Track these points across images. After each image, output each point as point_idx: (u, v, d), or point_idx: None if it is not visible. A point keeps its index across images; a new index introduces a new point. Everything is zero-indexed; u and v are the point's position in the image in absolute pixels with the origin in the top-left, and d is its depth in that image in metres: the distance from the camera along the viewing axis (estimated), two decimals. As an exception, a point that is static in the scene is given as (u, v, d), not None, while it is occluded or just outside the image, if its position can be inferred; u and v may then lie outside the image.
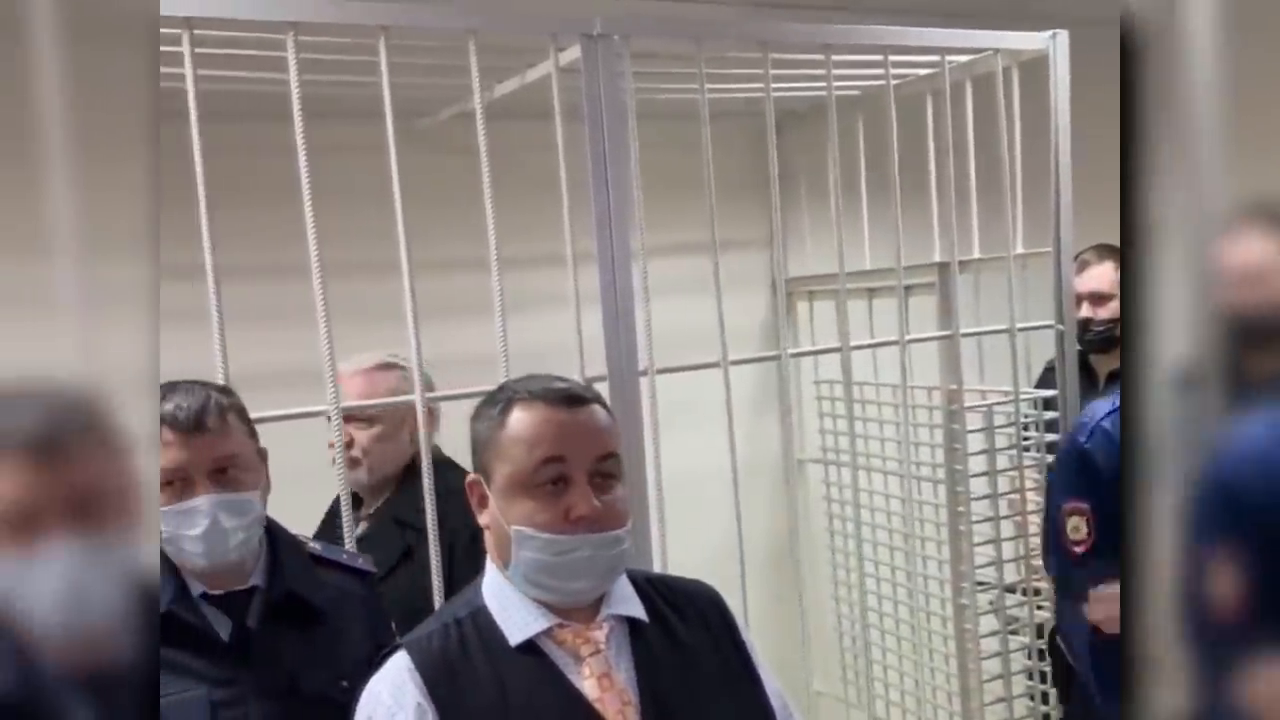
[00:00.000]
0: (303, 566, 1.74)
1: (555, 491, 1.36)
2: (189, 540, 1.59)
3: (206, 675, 1.60)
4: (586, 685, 1.37)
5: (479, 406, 1.46)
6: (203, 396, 1.62)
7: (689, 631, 1.47)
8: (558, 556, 1.36)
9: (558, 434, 1.37)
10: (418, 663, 1.36)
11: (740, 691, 1.48)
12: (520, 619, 1.39)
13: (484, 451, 1.41)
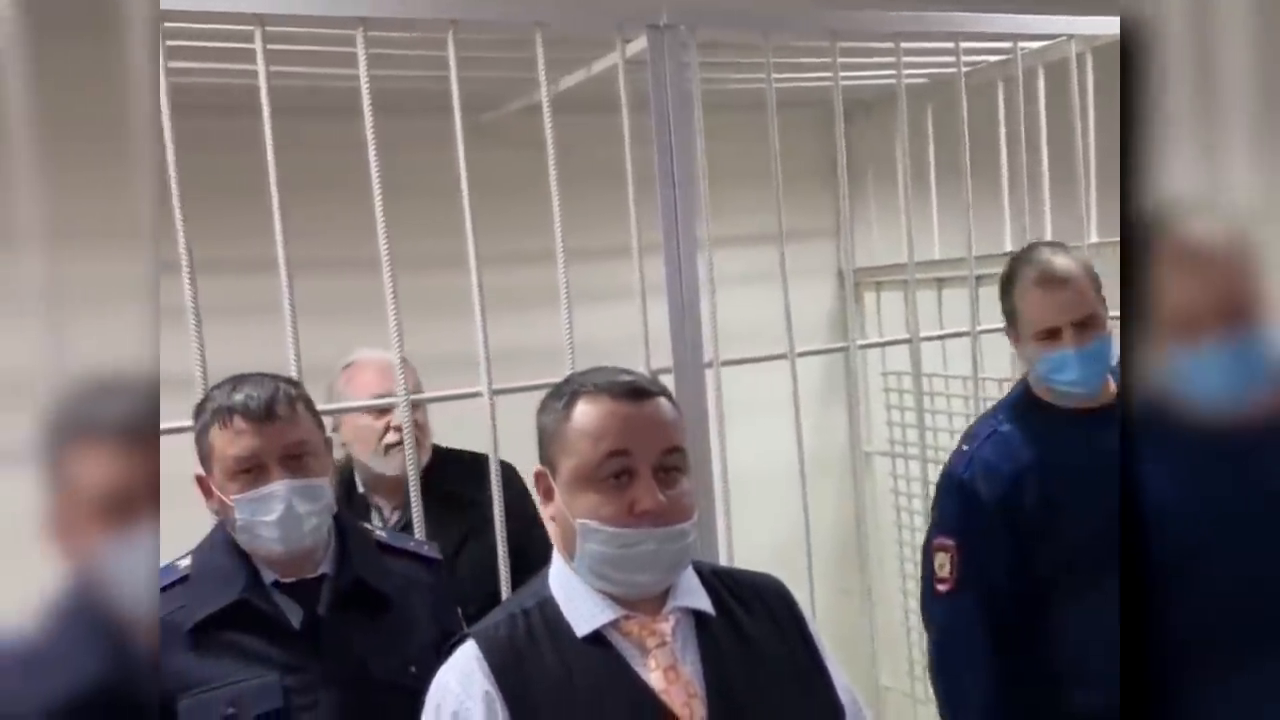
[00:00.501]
0: (370, 554, 1.77)
1: (620, 485, 1.36)
2: (265, 526, 1.61)
3: (279, 662, 1.63)
4: (653, 677, 1.36)
5: (545, 399, 1.46)
6: (271, 387, 1.65)
7: (756, 624, 1.46)
8: (622, 550, 1.36)
9: (622, 427, 1.37)
10: (485, 652, 1.37)
11: (809, 685, 1.47)
12: (586, 610, 1.40)
13: (549, 444, 1.41)
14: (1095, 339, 2.00)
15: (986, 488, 2.01)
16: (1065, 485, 1.98)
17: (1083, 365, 2.00)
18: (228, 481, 1.62)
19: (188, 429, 1.72)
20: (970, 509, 2.03)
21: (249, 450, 1.60)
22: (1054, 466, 2.00)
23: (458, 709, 1.34)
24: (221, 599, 1.63)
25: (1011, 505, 2.00)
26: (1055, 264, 2.03)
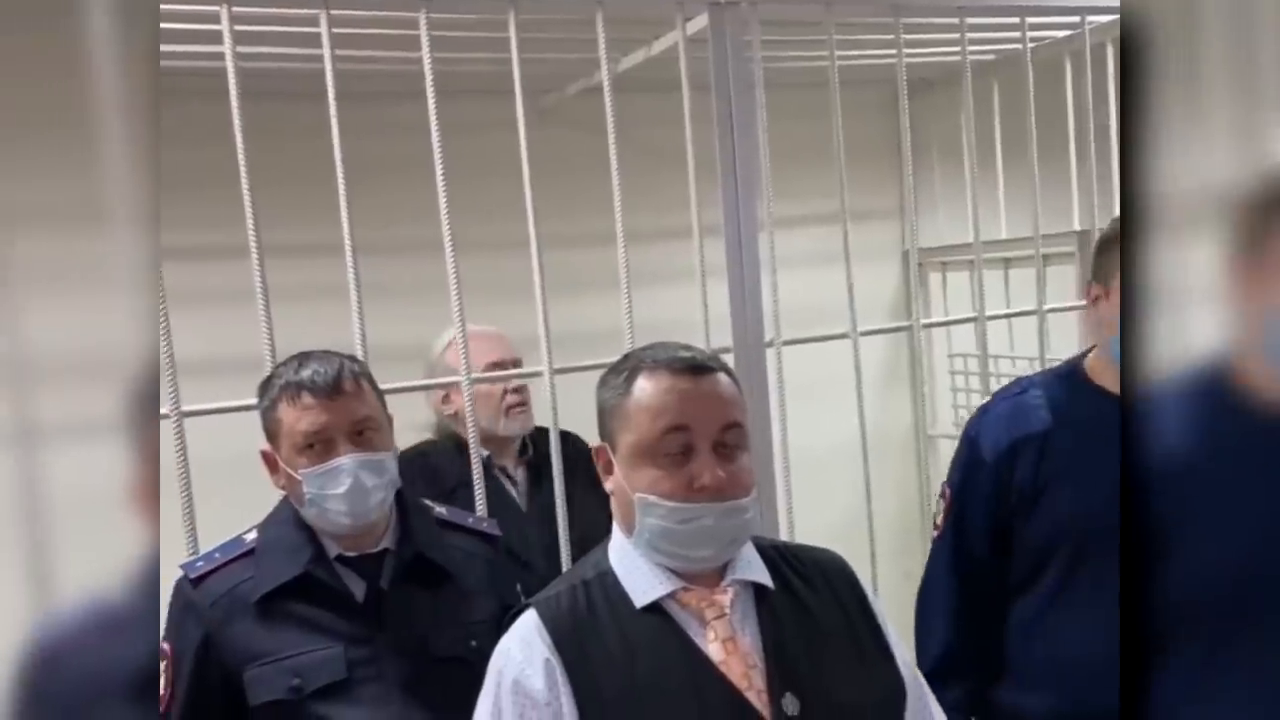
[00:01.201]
0: (431, 530, 1.79)
1: (679, 460, 1.36)
2: (333, 500, 1.64)
3: (342, 634, 1.66)
4: (712, 648, 1.37)
5: (605, 375, 1.47)
6: (337, 363, 1.68)
7: (816, 598, 1.46)
8: (681, 524, 1.36)
9: (682, 403, 1.37)
10: (546, 621, 1.39)
11: (869, 659, 1.46)
12: (645, 582, 1.41)
13: (609, 419, 1.42)
14: None
15: (989, 446, 1.95)
16: (1066, 462, 1.89)
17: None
18: (295, 456, 1.65)
19: (254, 407, 1.76)
20: (969, 463, 1.98)
21: (317, 425, 1.63)
22: (1061, 441, 1.91)
23: (518, 676, 1.35)
24: (287, 572, 1.66)
25: (1005, 469, 1.93)
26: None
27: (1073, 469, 1.89)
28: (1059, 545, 1.88)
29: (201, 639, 1.65)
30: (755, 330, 2.24)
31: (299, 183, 2.32)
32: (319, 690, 1.62)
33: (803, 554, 1.53)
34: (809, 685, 1.37)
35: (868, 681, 1.44)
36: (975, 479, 1.96)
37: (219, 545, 1.73)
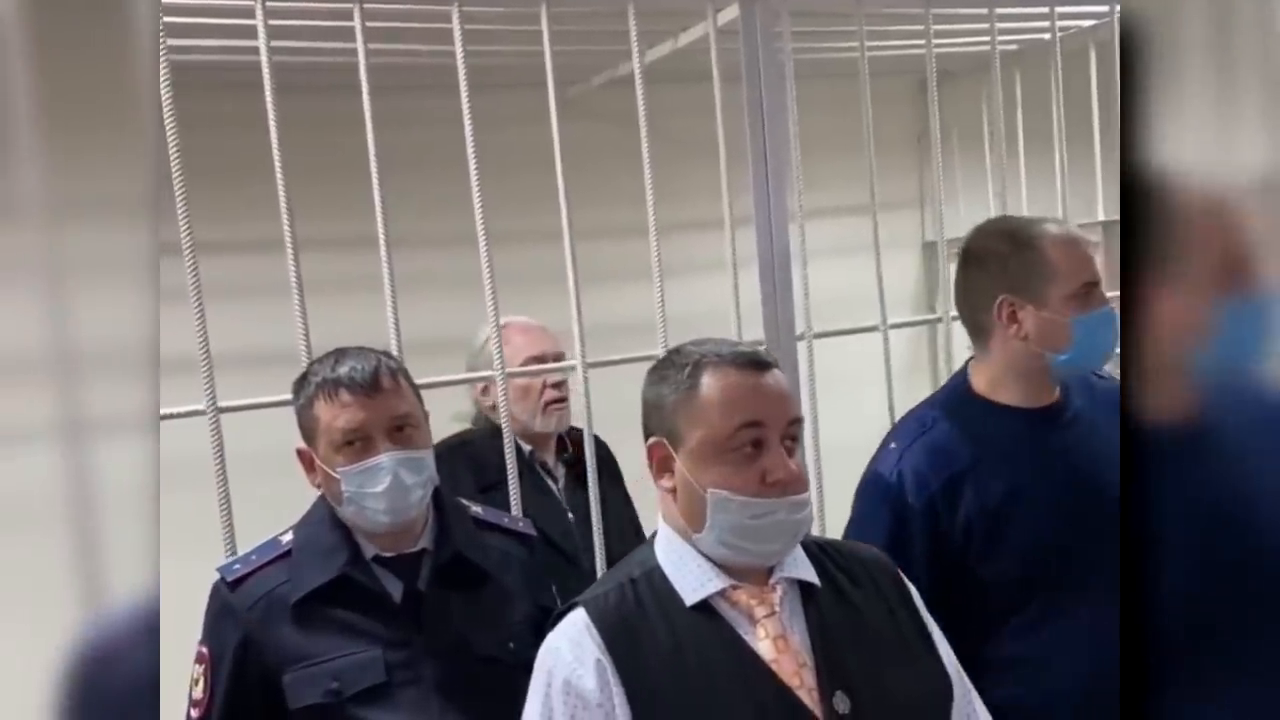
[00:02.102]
0: (469, 530, 1.77)
1: (752, 455, 1.36)
2: (372, 498, 1.62)
3: (381, 636, 1.64)
4: (762, 646, 1.36)
5: (658, 370, 1.45)
6: (374, 360, 1.66)
7: (862, 595, 1.45)
8: (755, 520, 1.36)
9: (755, 398, 1.36)
10: (596, 620, 1.37)
11: (917, 657, 1.45)
12: (695, 579, 1.40)
13: (671, 415, 1.40)
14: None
15: (915, 491, 1.83)
16: (1005, 491, 1.81)
17: (1114, 330, 1.81)
18: (334, 454, 1.63)
19: (287, 403, 1.75)
20: (896, 517, 1.85)
21: (356, 422, 1.61)
22: (992, 472, 1.82)
23: (569, 676, 1.34)
24: (324, 574, 1.64)
25: (940, 514, 1.83)
26: (1072, 229, 1.91)
27: (1017, 499, 1.81)
28: (1034, 576, 1.82)
29: (240, 642, 1.63)
30: (787, 323, 2.23)
31: (332, 176, 2.32)
32: (358, 694, 1.61)
33: (846, 550, 1.52)
34: (859, 683, 1.37)
35: (916, 679, 1.43)
36: (906, 525, 1.84)
37: (255, 547, 1.71)
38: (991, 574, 1.85)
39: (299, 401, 1.68)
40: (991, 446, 1.85)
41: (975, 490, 1.83)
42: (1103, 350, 1.87)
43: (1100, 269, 1.85)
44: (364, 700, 1.62)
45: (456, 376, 2.24)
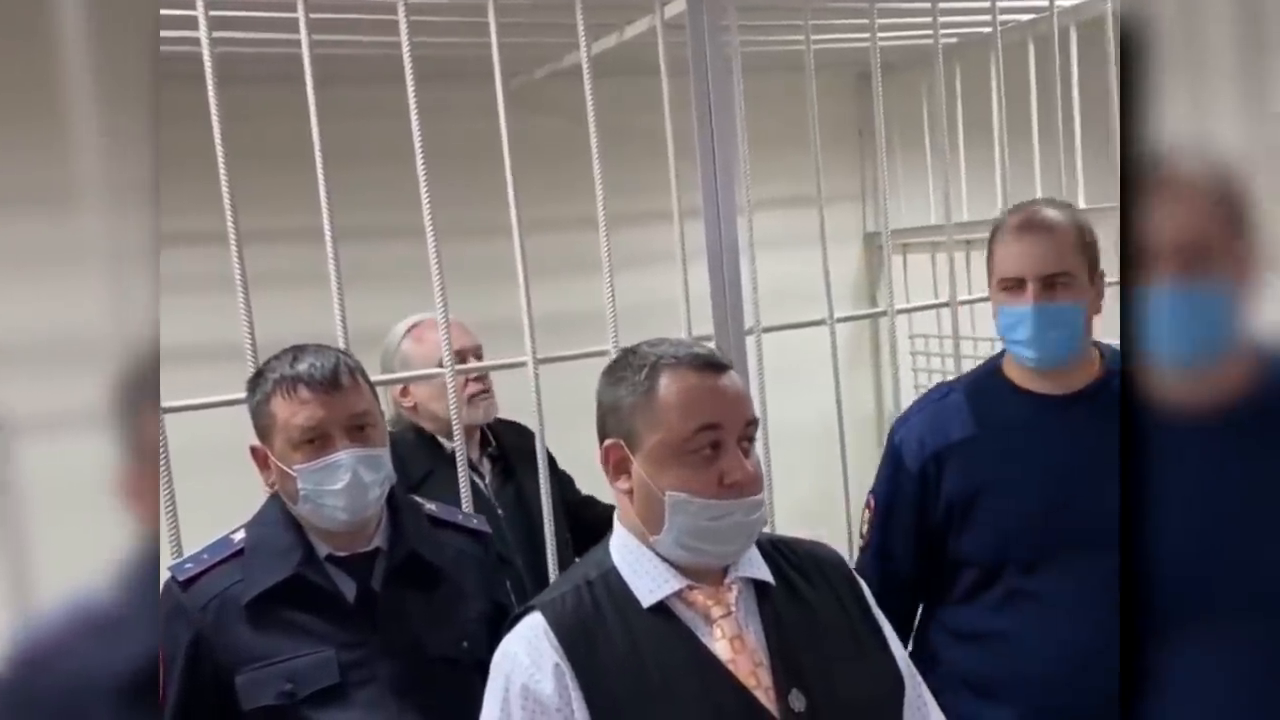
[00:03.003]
0: (423, 528, 1.76)
1: (709, 457, 1.36)
2: (331, 495, 1.60)
3: (335, 637, 1.62)
4: (719, 647, 1.37)
5: (614, 371, 1.44)
6: (333, 357, 1.64)
7: (815, 593, 1.47)
8: (713, 521, 1.36)
9: (712, 400, 1.37)
10: (553, 623, 1.37)
11: (869, 654, 1.47)
12: (651, 581, 1.40)
13: (629, 417, 1.39)
14: (1062, 301, 1.82)
15: (912, 455, 1.92)
16: (997, 470, 1.86)
17: (1039, 325, 1.82)
18: (291, 451, 1.61)
19: (238, 401, 1.72)
20: (894, 472, 1.95)
21: (315, 420, 1.59)
22: (987, 448, 1.88)
23: (527, 681, 1.34)
24: (277, 574, 1.62)
25: (931, 479, 1.90)
26: (1040, 212, 1.88)
27: (1006, 477, 1.86)
28: (1008, 555, 1.86)
29: (192, 641, 1.60)
30: (736, 318, 2.23)
31: (277, 168, 2.28)
32: (312, 695, 1.59)
33: (799, 548, 1.53)
34: (814, 681, 1.38)
35: (869, 674, 1.45)
36: (901, 489, 1.94)
37: (207, 546, 1.68)
38: (967, 547, 1.90)
39: (254, 398, 1.66)
40: (993, 424, 1.90)
41: (964, 464, 1.89)
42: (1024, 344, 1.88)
43: (1052, 262, 1.85)
44: (318, 701, 1.60)
45: (399, 375, 2.20)
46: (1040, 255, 1.84)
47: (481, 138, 2.12)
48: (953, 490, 1.89)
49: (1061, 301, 1.83)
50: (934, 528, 1.92)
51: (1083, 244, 1.87)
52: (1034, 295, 1.83)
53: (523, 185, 2.15)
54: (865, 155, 3.68)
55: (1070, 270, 1.84)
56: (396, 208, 2.26)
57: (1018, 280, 1.85)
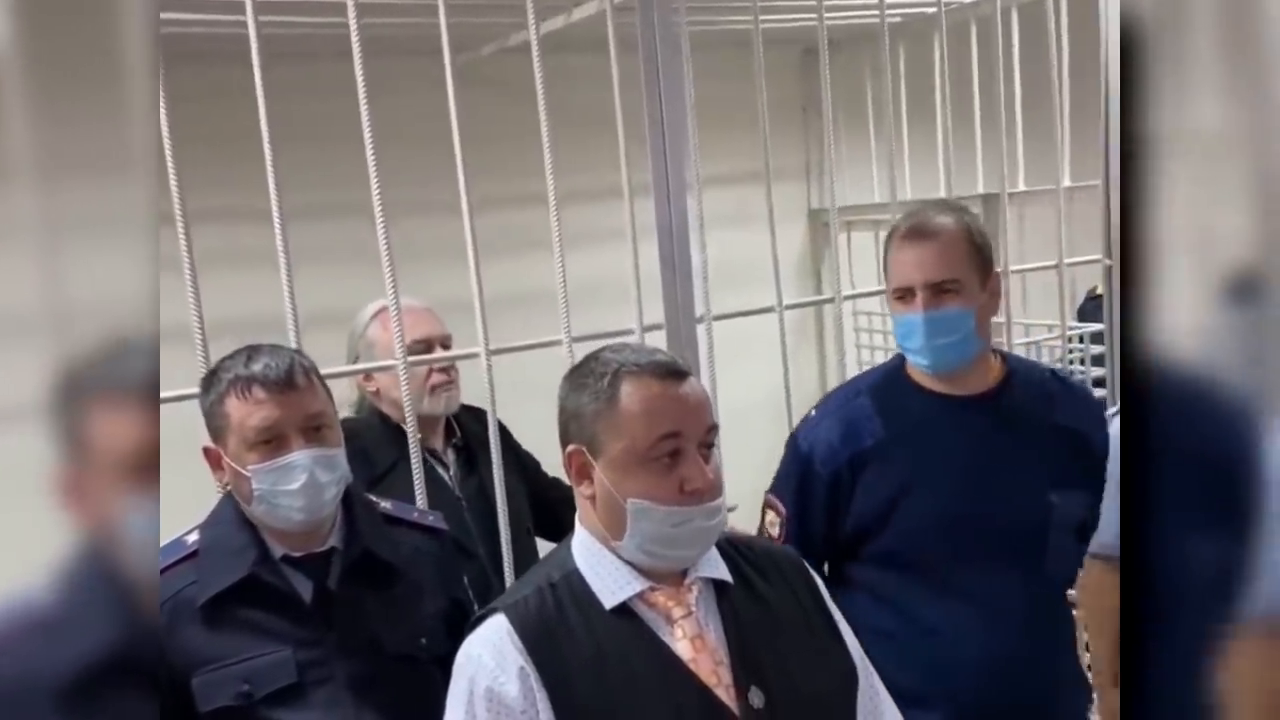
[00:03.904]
0: (378, 526, 1.75)
1: (670, 464, 1.38)
2: (286, 495, 1.59)
3: (291, 636, 1.62)
4: (680, 646, 1.39)
5: (576, 378, 1.44)
6: (288, 357, 1.62)
7: (772, 590, 1.50)
8: (675, 528, 1.38)
9: (674, 408, 1.38)
10: (517, 626, 1.38)
11: (825, 648, 1.51)
12: (613, 582, 1.41)
13: (591, 424, 1.40)
14: (950, 307, 1.85)
15: (822, 461, 1.93)
16: (911, 471, 1.90)
17: (929, 333, 1.86)
18: (246, 452, 1.59)
19: (190, 396, 1.70)
20: (802, 482, 1.96)
21: (270, 420, 1.58)
22: (899, 451, 1.91)
23: (491, 684, 1.35)
24: (232, 574, 1.61)
25: (844, 485, 1.93)
26: (928, 218, 1.89)
27: (920, 479, 1.89)
28: (923, 556, 1.90)
29: None
30: (687, 305, 2.23)
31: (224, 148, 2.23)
32: (269, 695, 1.59)
33: (756, 547, 1.56)
34: (772, 677, 1.41)
35: (825, 669, 1.48)
36: (812, 494, 1.95)
37: (160, 547, 1.66)
38: (883, 550, 1.93)
39: (208, 399, 1.63)
40: (903, 427, 1.93)
41: (880, 468, 1.91)
42: (916, 352, 1.92)
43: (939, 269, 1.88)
44: (276, 701, 1.60)
45: (355, 367, 2.18)
46: (927, 263, 1.87)
47: (428, 114, 2.08)
48: (870, 495, 1.92)
49: (950, 308, 1.86)
50: (846, 532, 1.95)
51: (973, 248, 1.89)
52: (923, 303, 1.87)
53: (472, 162, 2.12)
54: (810, 132, 3.69)
55: (958, 277, 1.87)
56: (344, 186, 2.23)
57: (907, 289, 1.89)
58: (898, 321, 1.93)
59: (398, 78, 2.51)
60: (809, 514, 1.97)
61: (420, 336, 2.27)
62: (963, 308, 1.86)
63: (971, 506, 1.89)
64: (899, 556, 1.93)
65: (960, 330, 1.87)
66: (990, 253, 1.95)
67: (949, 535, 1.88)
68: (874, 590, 1.96)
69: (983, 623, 1.87)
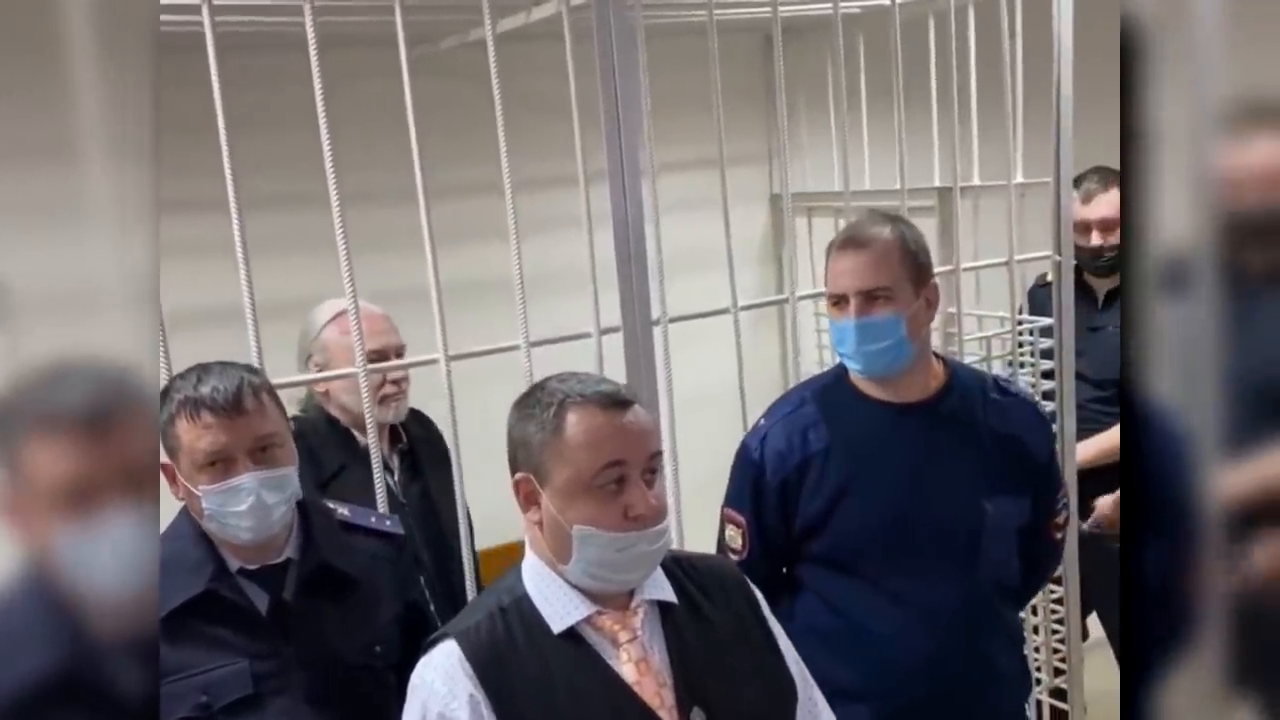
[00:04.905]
0: (334, 536, 1.79)
1: (614, 492, 1.43)
2: (234, 516, 1.63)
3: (248, 649, 1.65)
4: (625, 669, 1.45)
5: (524, 408, 1.49)
6: (236, 379, 1.64)
7: (715, 610, 1.55)
8: (619, 553, 1.44)
9: (618, 437, 1.43)
10: (468, 653, 1.43)
11: (766, 665, 1.56)
12: (562, 607, 1.47)
13: (538, 453, 1.45)
14: (880, 314, 1.93)
15: (773, 469, 2.02)
16: (846, 477, 1.98)
17: (860, 339, 1.94)
18: (196, 473, 1.62)
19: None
20: (756, 489, 2.04)
21: (218, 445, 1.61)
22: (841, 457, 1.99)
23: (444, 710, 1.40)
24: (190, 589, 1.64)
25: (790, 493, 2.01)
26: (864, 229, 1.98)
27: (861, 483, 1.98)
28: (861, 556, 1.98)
29: None
30: (644, 307, 2.24)
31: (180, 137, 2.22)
32: (227, 707, 1.63)
33: (699, 564, 1.62)
34: (714, 697, 1.47)
35: (765, 686, 1.54)
36: (766, 501, 2.03)
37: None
38: (824, 551, 2.02)
39: (160, 417, 1.66)
40: (845, 433, 2.01)
41: (822, 473, 1.99)
42: (849, 357, 1.99)
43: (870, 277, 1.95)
44: (233, 713, 1.64)
45: (312, 376, 2.21)
46: (859, 271, 1.95)
47: (385, 103, 2.08)
48: (813, 498, 2.00)
49: (880, 315, 1.94)
50: (797, 533, 2.03)
51: (906, 256, 1.97)
52: (855, 310, 1.95)
53: (431, 151, 2.12)
54: (773, 118, 3.70)
55: (889, 284, 1.95)
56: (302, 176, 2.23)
57: (841, 296, 1.97)
58: (833, 328, 2.01)
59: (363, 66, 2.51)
60: (767, 522, 2.04)
61: (377, 347, 2.29)
62: (893, 314, 1.94)
63: (907, 511, 1.97)
64: (838, 559, 2.01)
65: (890, 336, 1.95)
66: (927, 260, 2.03)
67: (884, 539, 1.97)
68: (819, 591, 2.05)
69: (915, 623, 1.96)
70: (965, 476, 2.00)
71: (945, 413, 2.02)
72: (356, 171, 2.20)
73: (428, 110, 2.13)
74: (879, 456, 1.99)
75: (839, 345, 1.99)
